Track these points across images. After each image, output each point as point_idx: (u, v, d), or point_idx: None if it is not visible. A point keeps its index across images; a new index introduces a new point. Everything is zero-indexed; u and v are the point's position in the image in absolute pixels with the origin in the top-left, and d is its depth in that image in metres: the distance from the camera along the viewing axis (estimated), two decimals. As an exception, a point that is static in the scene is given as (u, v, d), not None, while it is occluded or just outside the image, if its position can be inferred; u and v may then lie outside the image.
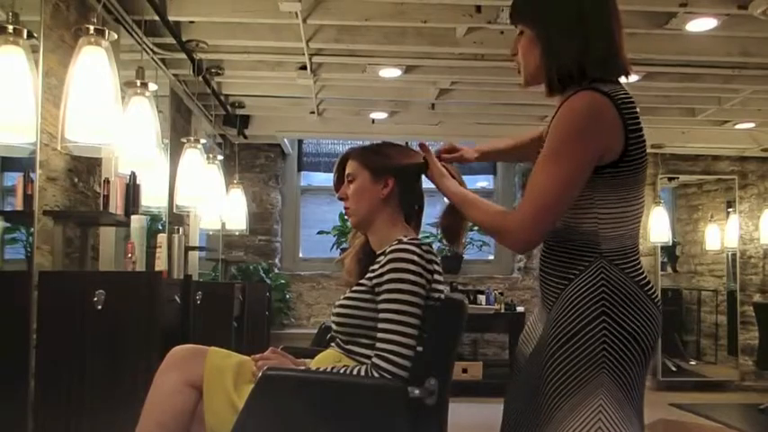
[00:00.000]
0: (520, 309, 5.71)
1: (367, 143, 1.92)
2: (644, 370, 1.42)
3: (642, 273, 1.44)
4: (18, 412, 2.29)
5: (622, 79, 1.47)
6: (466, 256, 6.20)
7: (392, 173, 1.77)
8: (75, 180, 2.79)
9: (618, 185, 1.40)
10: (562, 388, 1.38)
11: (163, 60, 3.82)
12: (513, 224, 1.41)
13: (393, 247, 1.65)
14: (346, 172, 1.83)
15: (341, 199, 1.83)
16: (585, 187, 1.40)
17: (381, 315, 1.61)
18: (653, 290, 1.44)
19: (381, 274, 1.63)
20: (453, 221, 1.73)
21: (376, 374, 1.56)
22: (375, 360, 1.57)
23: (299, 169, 6.49)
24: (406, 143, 2.09)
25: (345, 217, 1.94)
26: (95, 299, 2.31)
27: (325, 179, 6.38)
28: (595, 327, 1.37)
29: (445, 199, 1.76)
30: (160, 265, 3.41)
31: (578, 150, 1.36)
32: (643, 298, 1.41)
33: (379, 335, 1.60)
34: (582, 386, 1.37)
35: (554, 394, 1.39)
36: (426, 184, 1.82)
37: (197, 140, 3.83)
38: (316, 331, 3.31)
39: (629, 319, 1.38)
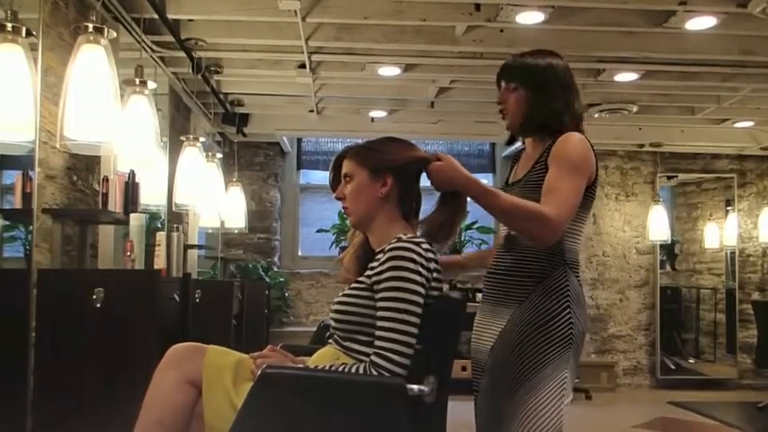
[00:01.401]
0: (519, 307, 5.70)
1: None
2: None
3: (580, 278, 1.83)
4: (17, 410, 2.29)
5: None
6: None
7: (391, 171, 1.76)
8: (74, 178, 2.79)
9: (582, 206, 1.77)
10: (536, 360, 1.71)
11: (162, 58, 3.82)
12: (552, 216, 1.66)
13: (392, 245, 1.65)
14: (343, 171, 1.80)
15: (338, 199, 1.82)
16: None
17: (380, 313, 1.61)
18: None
19: (381, 272, 1.63)
20: (448, 217, 1.75)
21: (375, 372, 1.56)
22: (374, 358, 1.57)
23: (299, 167, 6.50)
24: None
25: (345, 216, 1.93)
26: (94, 297, 2.31)
27: (324, 177, 6.33)
28: (565, 316, 1.73)
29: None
30: (159, 263, 3.41)
31: (587, 169, 1.76)
32: (583, 300, 1.82)
33: (378, 332, 1.59)
34: (553, 359, 1.71)
35: (527, 366, 1.71)
36: (423, 183, 1.82)
37: (196, 139, 3.82)
38: (315, 329, 3.32)
39: (580, 314, 1.77)
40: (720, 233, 6.38)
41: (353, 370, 1.60)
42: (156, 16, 3.16)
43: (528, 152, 1.92)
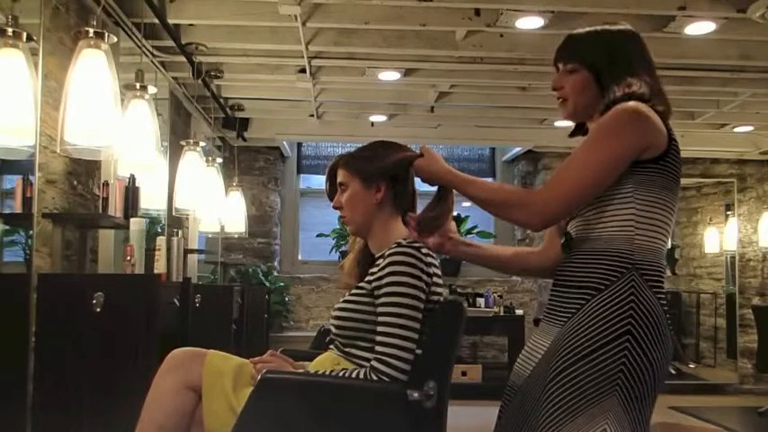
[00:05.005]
0: (519, 312, 5.70)
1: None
2: (653, 399, 1.37)
3: (665, 295, 1.41)
4: (17, 415, 2.28)
5: None
6: (465, 259, 6.18)
7: (382, 177, 1.76)
8: (75, 183, 2.79)
9: (656, 184, 1.42)
10: (566, 407, 1.31)
11: (162, 63, 3.82)
12: (541, 198, 1.44)
13: (392, 250, 1.65)
14: (338, 180, 1.81)
15: (336, 208, 1.82)
16: (626, 181, 1.41)
17: (380, 318, 1.61)
18: (668, 315, 1.41)
19: (380, 277, 1.63)
20: (438, 214, 1.72)
21: (375, 378, 1.56)
22: (374, 363, 1.57)
23: (299, 172, 6.50)
24: None
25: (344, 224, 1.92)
26: (94, 301, 2.31)
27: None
28: (617, 346, 1.31)
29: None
30: (159, 267, 3.41)
31: (621, 141, 1.40)
32: (664, 323, 1.37)
33: (378, 338, 1.60)
34: (587, 407, 1.30)
35: (555, 413, 1.32)
36: (423, 186, 1.81)
37: (196, 143, 3.83)
38: (315, 334, 3.32)
39: (650, 343, 1.33)
40: (720, 238, 6.39)
41: (354, 375, 1.60)
42: (156, 21, 3.16)
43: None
